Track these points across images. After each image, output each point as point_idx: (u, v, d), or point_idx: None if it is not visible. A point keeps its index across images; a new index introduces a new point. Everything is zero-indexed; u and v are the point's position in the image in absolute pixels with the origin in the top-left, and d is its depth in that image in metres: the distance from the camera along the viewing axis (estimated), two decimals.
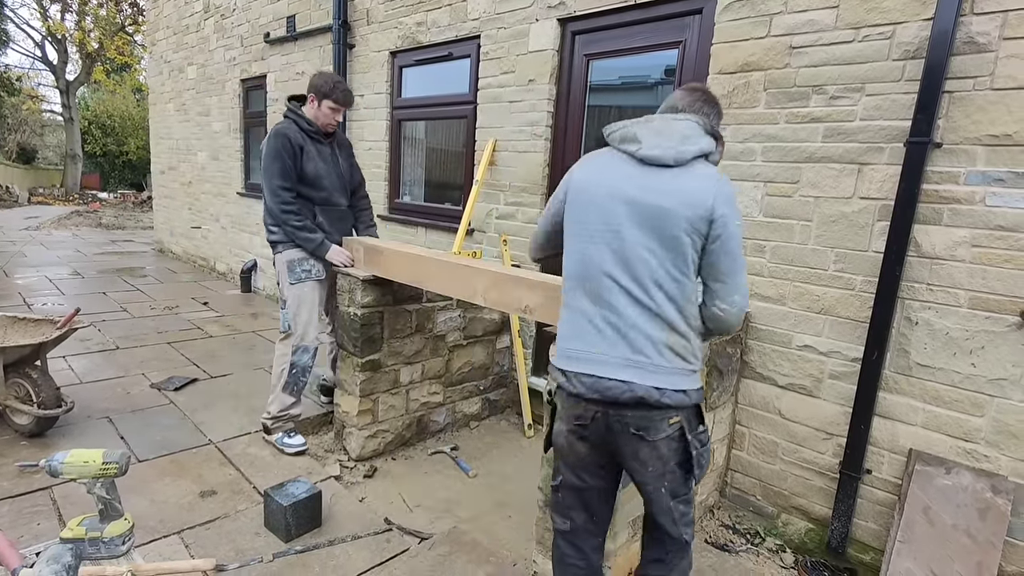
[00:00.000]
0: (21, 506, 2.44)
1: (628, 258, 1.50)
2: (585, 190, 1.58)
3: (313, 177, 3.09)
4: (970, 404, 2.22)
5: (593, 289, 1.54)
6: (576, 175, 1.63)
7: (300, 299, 3.10)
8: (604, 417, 1.53)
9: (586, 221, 1.56)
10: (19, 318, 3.29)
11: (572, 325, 1.59)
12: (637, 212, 1.50)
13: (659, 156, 1.51)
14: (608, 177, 1.56)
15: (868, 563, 2.47)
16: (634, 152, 1.54)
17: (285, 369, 3.11)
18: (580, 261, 1.57)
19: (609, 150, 1.62)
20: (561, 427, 1.63)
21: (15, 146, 25.26)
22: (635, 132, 1.55)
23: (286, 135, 3.01)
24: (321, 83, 3.02)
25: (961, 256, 2.19)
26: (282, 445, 3.10)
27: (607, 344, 1.52)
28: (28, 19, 33.38)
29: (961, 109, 2.15)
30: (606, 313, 1.53)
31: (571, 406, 1.58)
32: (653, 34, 3.11)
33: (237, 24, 6.62)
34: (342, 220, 3.30)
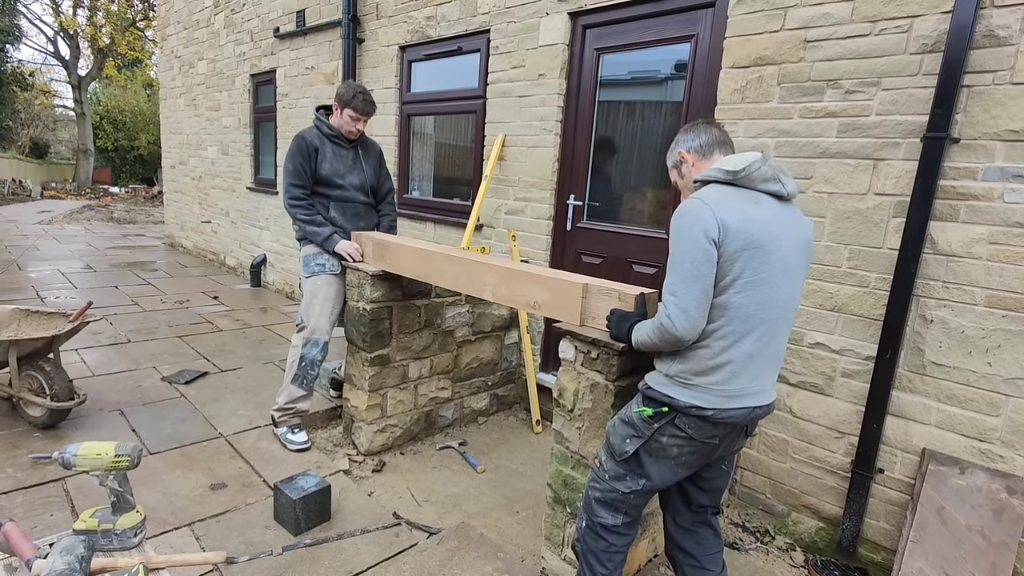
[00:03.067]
0: (34, 497, 2.46)
1: (791, 293, 1.62)
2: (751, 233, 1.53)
3: (327, 176, 3.18)
4: (985, 403, 2.19)
5: (767, 332, 1.59)
6: (729, 221, 1.52)
7: (313, 292, 3.15)
8: (732, 431, 1.68)
9: (762, 266, 1.54)
10: (32, 311, 3.33)
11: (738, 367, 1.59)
12: (796, 250, 1.61)
13: (793, 191, 1.65)
14: (762, 219, 1.56)
15: (879, 563, 2.45)
16: (777, 191, 1.61)
17: (295, 361, 3.14)
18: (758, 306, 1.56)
19: (740, 191, 1.60)
20: (676, 442, 1.67)
21: (28, 141, 25.50)
22: (774, 172, 1.61)
23: (303, 137, 3.14)
24: (344, 91, 3.13)
25: (978, 253, 2.16)
26: (285, 441, 3.12)
27: (765, 376, 1.65)
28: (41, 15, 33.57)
29: (980, 104, 2.11)
30: (772, 351, 1.64)
31: (705, 429, 1.64)
32: (665, 28, 3.07)
33: (247, 19, 6.63)
34: (359, 217, 3.33)
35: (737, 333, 1.57)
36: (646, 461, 1.73)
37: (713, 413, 1.60)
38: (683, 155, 1.79)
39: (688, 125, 1.84)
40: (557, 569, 2.24)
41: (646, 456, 1.72)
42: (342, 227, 3.25)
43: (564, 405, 2.13)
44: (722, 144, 1.75)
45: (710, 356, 1.59)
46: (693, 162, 1.77)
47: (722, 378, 1.59)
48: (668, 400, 1.64)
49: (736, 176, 1.61)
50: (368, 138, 3.38)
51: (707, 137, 1.75)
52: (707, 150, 1.75)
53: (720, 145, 1.75)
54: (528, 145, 3.72)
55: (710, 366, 1.60)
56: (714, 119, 1.81)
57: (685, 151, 1.78)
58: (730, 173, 1.61)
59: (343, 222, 3.27)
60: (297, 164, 3.13)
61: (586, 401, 2.05)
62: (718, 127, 1.79)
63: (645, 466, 1.74)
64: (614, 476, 1.79)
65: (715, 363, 1.59)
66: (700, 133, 1.77)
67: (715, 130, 1.77)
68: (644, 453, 1.72)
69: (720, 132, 1.78)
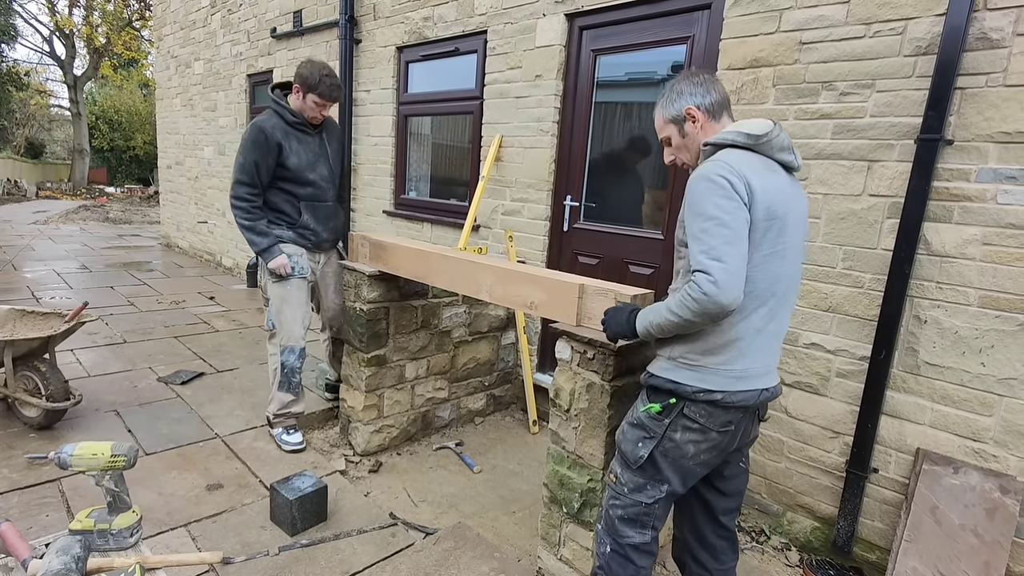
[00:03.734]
0: (30, 498, 2.46)
1: (795, 271, 1.57)
2: (775, 202, 1.46)
3: (296, 171, 2.96)
4: (979, 403, 2.21)
5: (774, 307, 1.53)
6: (754, 183, 1.43)
7: (283, 298, 3.03)
8: (745, 416, 1.60)
9: (780, 238, 1.48)
10: (28, 311, 3.32)
11: (746, 344, 1.51)
12: (800, 224, 1.56)
13: (800, 164, 1.60)
14: (779, 188, 1.49)
15: (874, 562, 2.46)
16: (790, 162, 1.55)
17: (277, 369, 3.09)
18: (771, 279, 1.49)
19: (759, 158, 1.51)
20: (691, 436, 1.56)
21: (23, 141, 25.40)
22: (788, 142, 1.55)
23: (262, 129, 2.86)
24: (308, 74, 2.87)
25: (971, 254, 2.17)
26: (280, 441, 3.10)
27: (771, 356, 1.59)
28: (36, 14, 33.52)
29: (973, 106, 2.13)
30: (776, 327, 1.56)
31: (717, 415, 1.54)
32: (661, 29, 3.09)
33: (244, 19, 6.63)
34: (332, 217, 3.20)
35: (748, 308, 1.48)
36: (663, 464, 1.61)
37: (723, 396, 1.51)
38: (692, 112, 1.60)
39: (691, 74, 1.64)
40: (553, 569, 2.24)
41: (662, 459, 1.61)
42: (315, 231, 3.10)
43: (560, 405, 2.13)
44: (729, 106, 1.64)
45: (719, 332, 1.50)
46: (703, 123, 1.60)
47: (729, 357, 1.51)
48: (674, 387, 1.55)
49: (759, 141, 1.50)
50: (330, 118, 3.16)
51: (717, 95, 1.60)
52: (717, 110, 1.60)
53: (727, 107, 1.63)
54: (525, 146, 3.73)
55: (718, 344, 1.50)
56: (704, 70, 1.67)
57: (695, 107, 1.60)
58: (752, 137, 1.50)
59: (316, 226, 3.09)
60: (250, 160, 2.85)
61: (582, 401, 2.05)
62: (722, 84, 1.65)
63: (663, 470, 1.61)
64: (634, 488, 1.66)
65: (723, 340, 1.50)
66: (711, 89, 1.60)
67: (721, 86, 1.63)
68: (660, 455, 1.60)
69: (725, 91, 1.64)
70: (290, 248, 3.04)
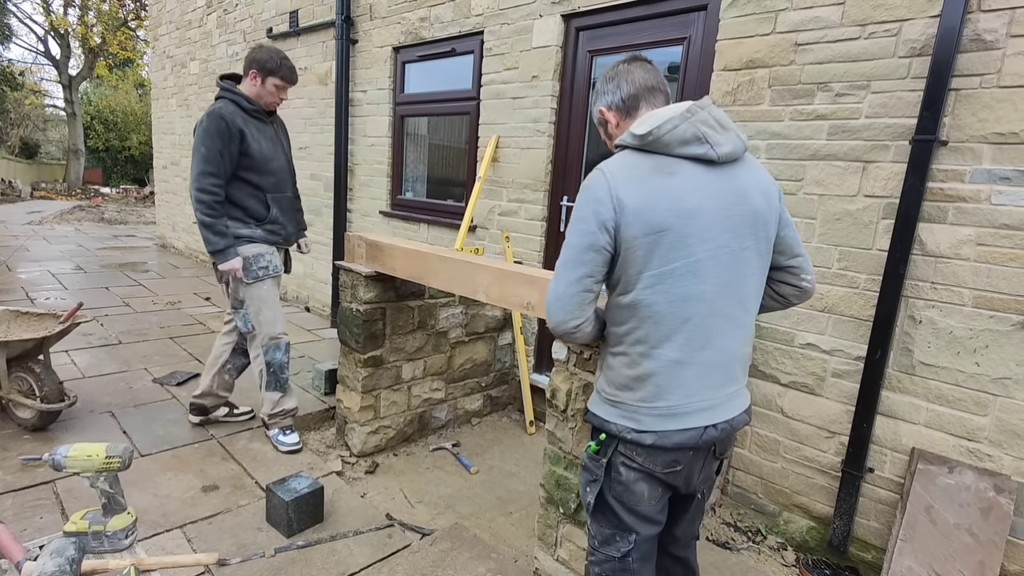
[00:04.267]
0: (24, 500, 2.44)
1: (735, 281, 1.31)
2: (659, 214, 1.24)
3: (260, 160, 2.83)
4: (973, 403, 2.22)
5: (696, 335, 1.30)
6: (628, 200, 1.25)
7: (261, 299, 2.95)
8: (696, 456, 1.39)
9: (675, 254, 1.25)
10: (22, 312, 3.30)
11: (664, 379, 1.32)
12: (736, 222, 1.29)
13: (732, 152, 1.30)
14: (683, 191, 1.26)
15: (870, 561, 2.47)
16: (704, 154, 1.27)
17: (263, 370, 3.02)
18: (677, 303, 1.28)
19: (652, 158, 1.29)
20: (634, 476, 1.39)
21: (18, 141, 25.29)
22: (697, 130, 1.27)
23: (222, 116, 2.72)
24: (266, 58, 2.77)
25: (966, 255, 2.18)
26: (277, 442, 3.07)
27: (709, 388, 1.34)
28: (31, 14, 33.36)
29: (967, 107, 2.14)
30: (711, 355, 1.32)
31: (656, 455, 1.36)
32: (658, 30, 3.09)
33: (240, 19, 6.61)
34: (293, 209, 3.11)
35: (653, 338, 1.30)
36: (620, 511, 1.43)
37: (654, 439, 1.32)
38: (604, 114, 1.46)
39: (608, 70, 1.46)
40: (550, 569, 2.24)
41: (617, 504, 1.43)
42: (283, 225, 3.01)
43: (557, 406, 2.13)
44: (649, 92, 1.39)
45: (627, 365, 1.35)
46: (617, 122, 1.44)
47: (648, 394, 1.33)
48: (602, 424, 1.40)
49: (644, 141, 1.29)
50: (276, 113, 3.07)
51: (628, 87, 1.40)
52: (631, 104, 1.40)
53: (647, 93, 1.39)
54: (522, 147, 3.73)
55: (630, 377, 1.34)
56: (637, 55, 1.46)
57: (605, 108, 1.45)
58: (637, 137, 1.30)
59: (285, 220, 3.00)
60: (215, 149, 2.68)
61: (579, 402, 2.05)
62: (643, 67, 1.42)
63: (623, 518, 1.43)
64: (602, 541, 1.49)
65: (635, 374, 1.34)
66: (622, 83, 1.41)
67: (639, 73, 1.40)
68: (614, 500, 1.43)
69: (646, 74, 1.40)
70: (261, 247, 2.94)
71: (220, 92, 2.86)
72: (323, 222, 5.67)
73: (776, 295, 1.48)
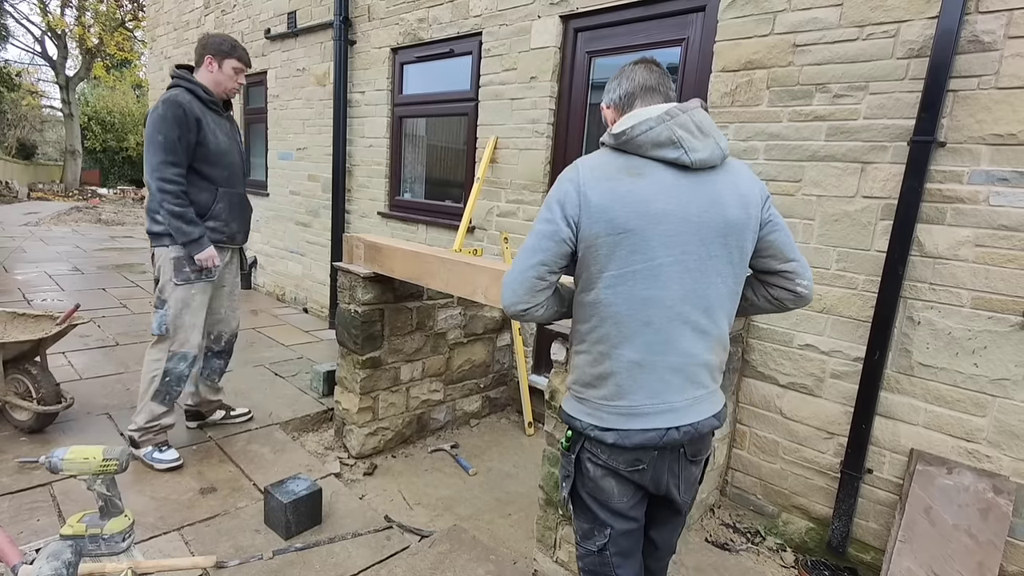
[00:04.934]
0: (20, 502, 2.43)
1: (699, 288, 1.30)
2: (622, 214, 1.25)
3: (216, 152, 2.70)
4: (972, 404, 2.22)
5: (657, 335, 1.30)
6: (593, 198, 1.26)
7: (185, 302, 2.74)
8: (662, 457, 1.39)
9: (636, 256, 1.26)
10: (19, 314, 3.28)
11: (624, 379, 1.33)
12: (705, 229, 1.27)
13: (708, 159, 1.28)
14: (649, 194, 1.25)
15: (869, 563, 2.47)
16: (677, 159, 1.26)
17: (157, 376, 2.75)
18: (636, 305, 1.28)
19: (626, 158, 1.30)
20: (601, 473, 1.41)
21: (15, 142, 25.20)
22: (672, 134, 1.25)
23: (179, 103, 2.58)
24: (220, 42, 2.68)
25: (964, 256, 2.19)
26: (151, 461, 2.76)
27: (672, 391, 1.34)
28: (28, 14, 33.29)
29: (965, 108, 2.14)
30: (673, 359, 1.32)
31: (619, 454, 1.37)
32: (656, 31, 3.09)
33: (238, 20, 6.60)
34: (244, 208, 2.96)
35: (613, 337, 1.32)
36: (592, 504, 1.45)
37: (615, 438, 1.34)
38: (604, 111, 1.48)
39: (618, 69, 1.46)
40: (549, 571, 2.24)
41: (589, 499, 1.45)
42: (227, 222, 2.80)
43: (556, 407, 2.13)
44: (646, 91, 1.38)
45: (590, 363, 1.37)
46: (614, 118, 1.43)
47: (609, 392, 1.35)
48: (569, 420, 1.43)
49: (618, 141, 1.30)
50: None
51: (629, 85, 1.40)
52: (626, 102, 1.40)
53: (644, 93, 1.38)
54: (520, 147, 3.73)
55: (593, 375, 1.37)
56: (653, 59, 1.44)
57: (605, 106, 1.46)
58: (613, 136, 1.32)
59: (228, 215, 2.81)
60: (173, 137, 2.54)
61: None
62: (647, 67, 1.41)
63: (597, 513, 1.45)
64: (583, 535, 1.52)
65: (597, 372, 1.36)
66: (623, 80, 1.41)
67: (642, 72, 1.40)
68: (587, 496, 1.46)
69: (649, 74, 1.39)
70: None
71: (174, 80, 2.71)
72: (321, 223, 5.66)
73: (771, 299, 1.46)
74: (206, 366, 3.10)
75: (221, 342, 3.10)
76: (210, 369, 3.12)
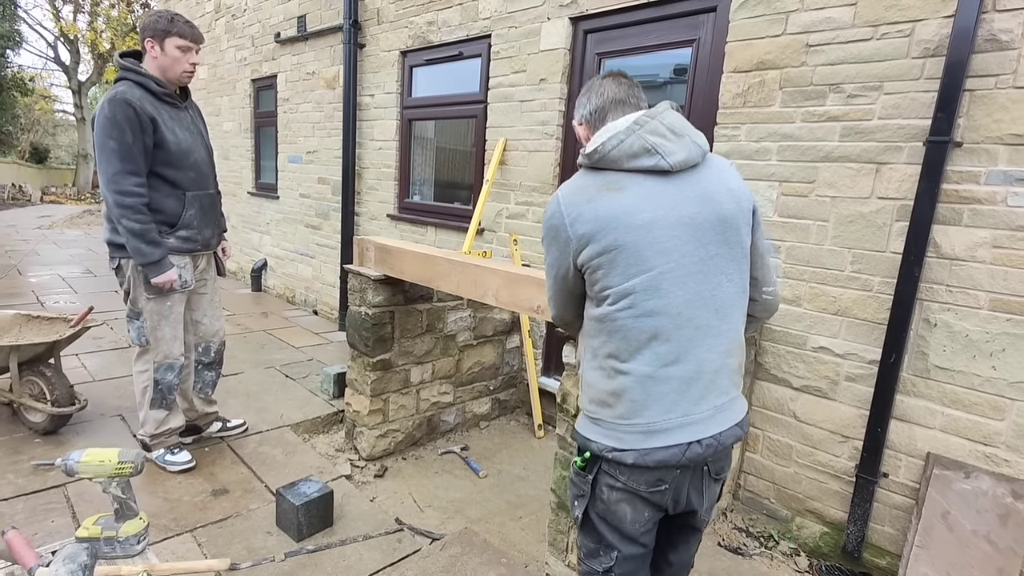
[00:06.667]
0: (36, 503, 2.45)
1: (703, 293, 1.26)
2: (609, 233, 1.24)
3: (178, 153, 2.45)
4: (990, 407, 2.19)
5: (667, 346, 1.26)
6: (579, 226, 1.26)
7: (161, 314, 2.61)
8: (684, 475, 1.34)
9: (631, 270, 1.24)
10: (33, 316, 3.32)
11: (638, 394, 1.28)
12: (700, 230, 1.26)
13: (687, 159, 1.27)
14: (633, 206, 1.24)
15: (884, 568, 2.44)
16: (655, 166, 1.25)
17: (149, 387, 2.70)
18: (641, 318, 1.26)
19: (603, 176, 1.29)
20: (617, 497, 1.36)
21: (28, 146, 25.52)
22: (646, 142, 1.25)
23: (127, 102, 2.29)
24: (155, 19, 2.37)
25: (981, 257, 2.16)
26: (164, 463, 2.77)
27: (689, 403, 1.28)
28: (41, 20, 33.71)
29: (982, 108, 2.12)
30: (686, 368, 1.27)
31: (639, 475, 1.31)
32: (666, 32, 3.08)
33: (248, 24, 6.65)
34: (214, 209, 2.75)
35: (623, 352, 1.28)
36: (603, 529, 1.41)
37: (635, 458, 1.28)
38: (576, 127, 1.46)
39: (586, 84, 1.45)
40: (561, 575, 2.22)
41: (600, 523, 1.41)
42: (199, 229, 2.61)
43: (567, 410, 2.12)
44: (616, 104, 1.36)
45: (603, 379, 1.33)
46: (587, 135, 1.41)
47: (625, 411, 1.29)
48: (585, 443, 1.38)
49: (592, 159, 1.29)
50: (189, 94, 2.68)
51: (598, 100, 1.38)
52: (597, 118, 1.38)
53: (614, 106, 1.36)
54: (529, 149, 3.73)
55: (607, 392, 1.32)
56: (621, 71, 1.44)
57: (577, 123, 1.45)
58: (586, 156, 1.31)
59: (200, 222, 2.60)
60: (126, 141, 2.29)
61: None
62: (616, 80, 1.39)
63: (605, 535, 1.41)
64: (588, 553, 1.48)
65: (610, 389, 1.31)
66: (592, 96, 1.40)
67: (611, 86, 1.38)
68: (597, 519, 1.42)
69: (618, 87, 1.38)
70: (173, 259, 2.57)
71: (120, 73, 2.41)
72: (331, 225, 5.68)
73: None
74: (198, 379, 2.99)
75: (211, 353, 2.98)
76: (203, 382, 3.01)
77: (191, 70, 2.49)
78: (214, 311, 2.97)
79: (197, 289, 2.82)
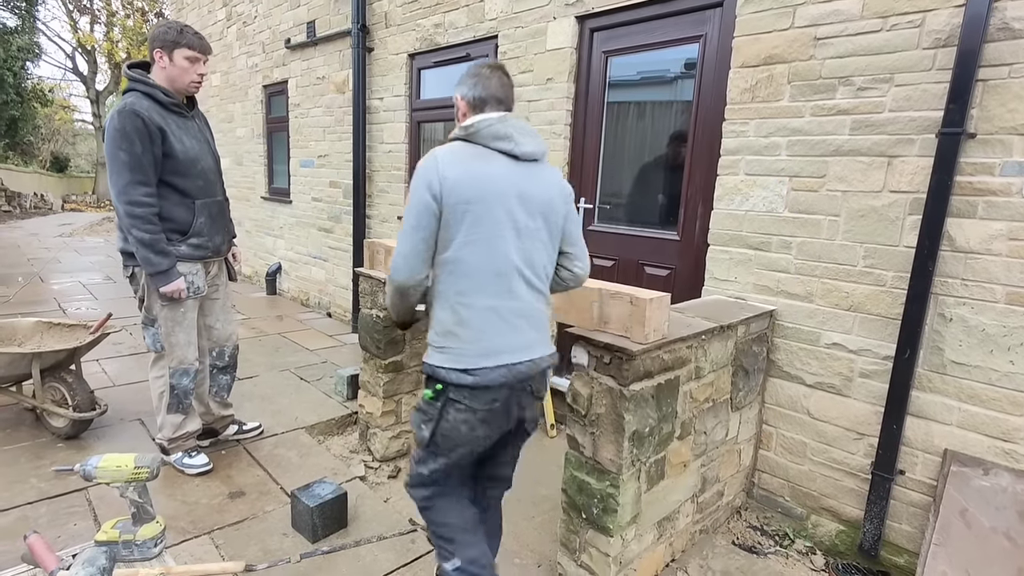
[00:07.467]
0: (58, 507, 2.51)
1: (526, 249, 1.65)
2: (472, 188, 1.57)
3: (186, 161, 2.50)
4: (1008, 403, 2.15)
5: (502, 284, 1.62)
6: (449, 175, 1.57)
7: (175, 320, 2.65)
8: (512, 393, 1.68)
9: (483, 219, 1.58)
10: (54, 323, 3.39)
11: (479, 322, 1.61)
12: (530, 205, 1.64)
13: (533, 152, 1.67)
14: (492, 174, 1.60)
15: (902, 566, 2.41)
16: (510, 150, 1.63)
17: (165, 392, 2.75)
18: (485, 259, 1.59)
19: (473, 147, 1.64)
20: (462, 416, 1.66)
21: (48, 155, 26.04)
22: (507, 130, 1.63)
23: (136, 113, 2.35)
24: (164, 31, 2.42)
25: (997, 250, 2.12)
26: (182, 466, 2.82)
27: (516, 332, 1.66)
28: (59, 31, 34.36)
29: (996, 98, 2.08)
30: (513, 304, 1.64)
31: (479, 395, 1.64)
32: (673, 29, 3.06)
33: (259, 31, 6.72)
34: (223, 216, 2.80)
35: (468, 289, 1.61)
36: (441, 443, 1.73)
37: (474, 379, 1.60)
38: (456, 100, 1.77)
39: (475, 67, 1.77)
40: (574, 575, 2.23)
41: (441, 439, 1.72)
42: (210, 236, 2.66)
43: (578, 410, 2.12)
44: (495, 101, 1.72)
45: (451, 314, 1.63)
46: (464, 112, 1.75)
47: (468, 336, 1.61)
48: (432, 371, 1.66)
49: (467, 132, 1.66)
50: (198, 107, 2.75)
51: (483, 91, 1.71)
52: (478, 104, 1.72)
53: (494, 102, 1.72)
54: None
55: (453, 322, 1.63)
56: (502, 66, 1.78)
57: (460, 97, 1.76)
58: (463, 129, 1.67)
59: (211, 229, 2.65)
60: (136, 152, 2.33)
61: (600, 406, 2.04)
62: (501, 79, 1.73)
63: (440, 447, 1.74)
64: (419, 460, 1.81)
65: (456, 319, 1.62)
66: (478, 84, 1.72)
67: (496, 82, 1.72)
68: (440, 436, 1.72)
69: (501, 87, 1.73)
70: (185, 267, 2.61)
71: (129, 84, 2.46)
72: (343, 228, 5.73)
73: (558, 278, 1.82)
74: (213, 383, 3.04)
75: (224, 357, 3.03)
76: (218, 386, 3.06)
77: (199, 80, 2.56)
78: (227, 316, 3.01)
79: (210, 295, 2.86)
